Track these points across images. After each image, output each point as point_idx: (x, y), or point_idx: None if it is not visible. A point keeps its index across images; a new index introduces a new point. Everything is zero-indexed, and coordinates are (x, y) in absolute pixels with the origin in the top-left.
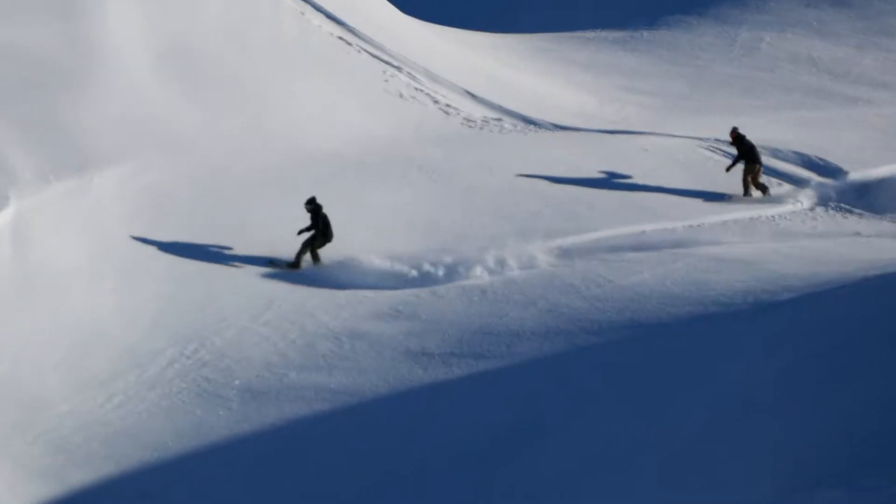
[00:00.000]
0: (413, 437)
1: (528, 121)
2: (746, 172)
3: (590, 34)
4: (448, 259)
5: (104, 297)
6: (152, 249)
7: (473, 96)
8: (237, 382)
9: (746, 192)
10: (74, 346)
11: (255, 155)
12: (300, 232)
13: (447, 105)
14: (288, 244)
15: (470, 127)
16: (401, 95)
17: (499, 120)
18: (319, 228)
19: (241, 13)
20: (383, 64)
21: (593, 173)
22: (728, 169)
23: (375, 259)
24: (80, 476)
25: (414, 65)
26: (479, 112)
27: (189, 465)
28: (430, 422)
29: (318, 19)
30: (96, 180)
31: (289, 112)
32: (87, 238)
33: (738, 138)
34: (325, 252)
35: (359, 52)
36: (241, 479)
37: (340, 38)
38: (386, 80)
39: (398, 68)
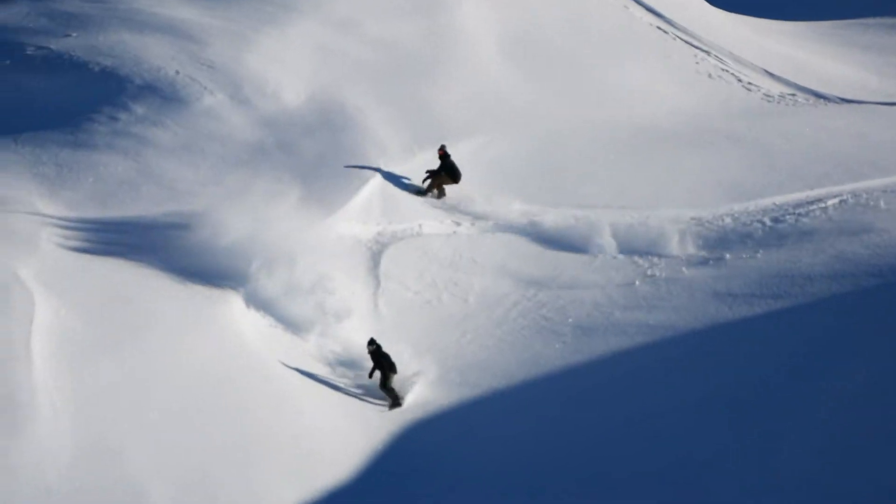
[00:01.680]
0: (722, 366)
1: (818, 95)
2: (441, 182)
3: (870, 21)
4: (750, 212)
5: (459, 249)
6: (499, 208)
7: (771, 75)
8: (570, 320)
9: (427, 192)
10: (435, 291)
11: (586, 127)
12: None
13: (749, 83)
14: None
15: (769, 101)
16: (709, 75)
17: (793, 95)
18: (381, 365)
19: (575, 8)
20: (694, 49)
21: (875, 139)
22: (424, 181)
23: (686, 213)
24: (438, 400)
25: (721, 49)
26: (776, 88)
27: (530, 391)
28: (735, 353)
29: (639, 12)
30: (451, 152)
31: (614, 90)
32: (442, 201)
33: (443, 156)
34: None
35: (674, 39)
36: (574, 403)
37: (658, 27)
38: (697, 63)
39: (707, 52)
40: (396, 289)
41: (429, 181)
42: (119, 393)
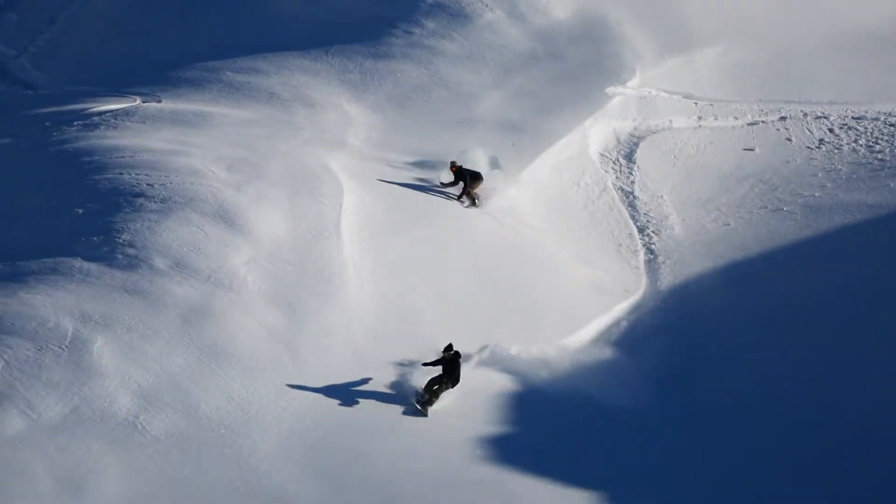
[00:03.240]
0: None
1: None
2: (473, 191)
3: None
4: None
5: (704, 140)
6: (736, 106)
7: None
8: (800, 200)
9: (473, 202)
10: (683, 177)
11: (812, 33)
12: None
13: None
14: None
15: None
16: None
17: None
18: (446, 370)
19: None
20: None
21: None
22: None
23: None
24: (693, 266)
25: None
26: None
27: (765, 261)
28: None
29: None
30: (697, 58)
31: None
32: (689, 102)
33: (458, 171)
34: None
35: None
36: (804, 271)
37: None
38: None
39: None
40: (650, 175)
41: (465, 199)
42: (415, 264)
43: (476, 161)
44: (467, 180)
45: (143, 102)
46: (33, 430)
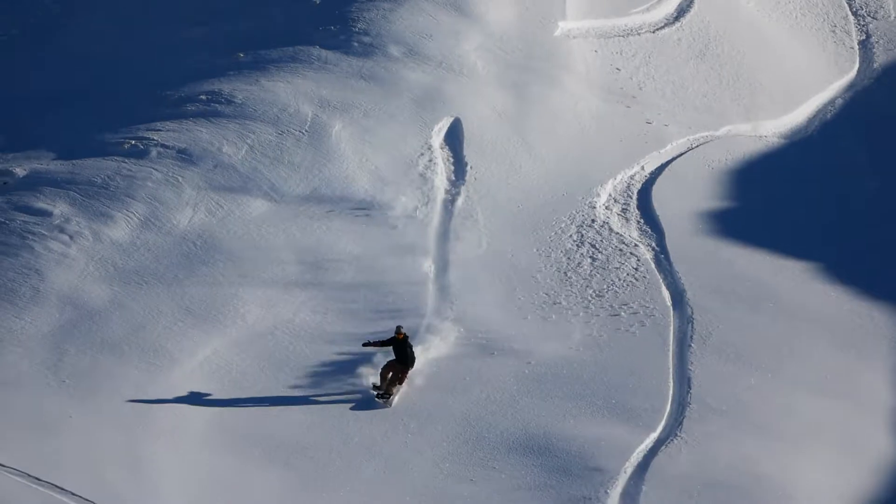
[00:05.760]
0: None
1: None
2: (396, 370)
3: None
4: None
5: None
6: None
7: None
8: None
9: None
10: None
11: None
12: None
13: None
14: None
15: None
16: None
17: None
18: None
19: None
20: None
21: None
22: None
23: None
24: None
25: None
26: None
27: None
28: None
29: None
30: None
31: None
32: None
33: (403, 340)
34: None
35: None
36: None
37: None
38: None
39: None
40: None
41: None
42: (639, 46)
43: None
44: (409, 358)
45: None
46: (276, 211)
